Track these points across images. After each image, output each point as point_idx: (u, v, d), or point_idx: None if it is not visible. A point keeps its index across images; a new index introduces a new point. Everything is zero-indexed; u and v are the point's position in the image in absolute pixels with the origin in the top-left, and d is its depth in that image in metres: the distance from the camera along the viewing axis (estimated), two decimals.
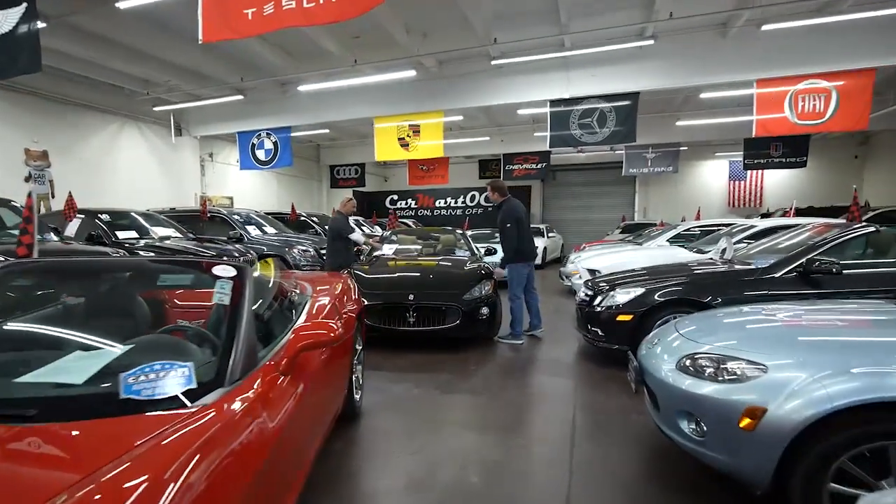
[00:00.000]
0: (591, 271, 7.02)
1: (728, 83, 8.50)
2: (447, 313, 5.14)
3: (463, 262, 6.13)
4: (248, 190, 15.20)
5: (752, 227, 6.57)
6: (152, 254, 6.79)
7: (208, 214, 9.53)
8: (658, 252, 7.31)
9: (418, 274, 5.86)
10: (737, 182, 18.88)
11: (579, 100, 9.20)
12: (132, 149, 11.35)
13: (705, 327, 2.86)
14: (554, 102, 9.41)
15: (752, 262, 4.52)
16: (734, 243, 5.77)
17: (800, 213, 12.76)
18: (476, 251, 7.05)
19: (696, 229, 9.30)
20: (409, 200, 21.80)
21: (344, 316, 3.10)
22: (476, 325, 5.26)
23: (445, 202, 21.36)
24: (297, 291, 2.95)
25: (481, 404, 3.81)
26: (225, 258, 7.11)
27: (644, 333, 4.38)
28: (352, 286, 3.91)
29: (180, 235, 8.02)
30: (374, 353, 5.09)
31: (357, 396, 3.49)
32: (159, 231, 7.74)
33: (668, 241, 8.82)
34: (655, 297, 4.35)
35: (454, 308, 5.12)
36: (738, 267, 4.53)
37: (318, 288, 3.24)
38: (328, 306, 2.87)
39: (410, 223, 18.10)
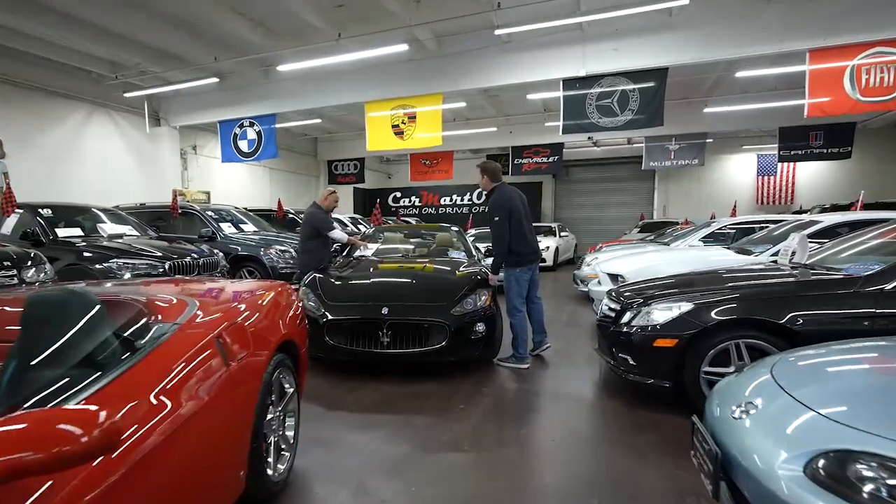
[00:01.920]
0: (614, 277, 5.84)
1: (774, 55, 7.21)
2: (431, 332, 4.01)
3: (456, 266, 4.98)
4: (237, 186, 14.19)
5: (815, 222, 5.32)
6: (90, 254, 5.77)
7: (179, 210, 8.56)
8: (694, 254, 6.09)
9: (398, 280, 4.75)
10: (766, 177, 17.47)
11: (597, 78, 8.00)
12: (103, 139, 10.36)
13: (836, 381, 1.70)
14: (568, 83, 8.22)
15: (842, 268, 3.32)
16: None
17: (841, 209, 11.50)
18: (474, 252, 5.91)
19: (731, 227, 8.05)
20: (413, 198, 20.72)
21: (243, 359, 1.98)
22: (468, 347, 4.12)
23: (451, 199, 20.24)
24: (155, 318, 1.84)
25: (465, 473, 2.66)
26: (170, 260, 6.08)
27: (693, 365, 3.24)
28: (290, 302, 2.79)
29: (137, 234, 7.02)
30: (339, 381, 4.00)
31: (281, 467, 2.37)
32: (109, 228, 6.73)
33: (700, 240, 7.59)
34: (712, 315, 3.17)
35: (439, 325, 3.99)
36: (821, 275, 3.33)
37: (213, 307, 2.12)
38: (197, 347, 1.74)
39: (413, 222, 17.06)
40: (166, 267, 5.95)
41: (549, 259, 12.71)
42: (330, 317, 4.11)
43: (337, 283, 4.61)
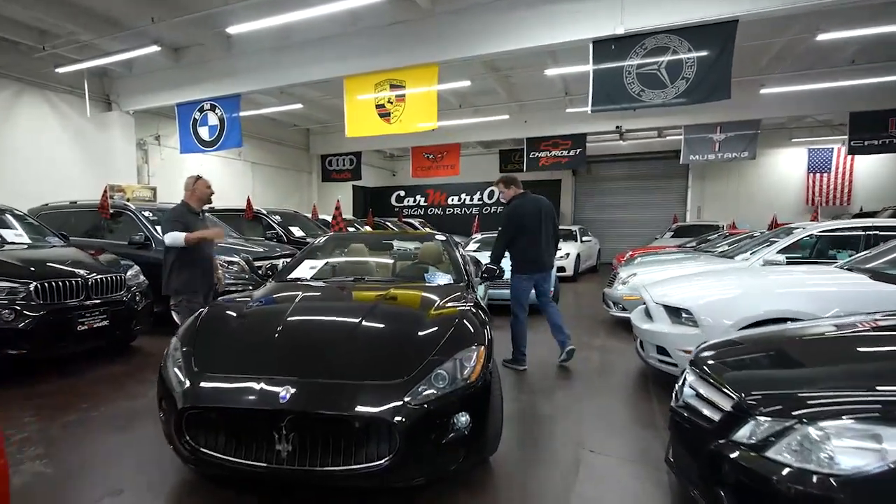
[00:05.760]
0: (674, 311, 3.91)
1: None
2: (368, 434, 2.16)
3: (434, 301, 3.11)
4: (213, 182, 12.42)
5: None
6: None
7: (111, 211, 6.90)
8: (801, 280, 4.07)
9: (324, 328, 2.88)
10: (818, 175, 15.30)
11: (639, 38, 6.08)
12: (35, 124, 8.69)
13: None
14: (600, 46, 6.31)
15: None
16: None
17: None
18: (467, 272, 4.01)
19: (817, 234, 6.04)
20: (418, 197, 18.88)
21: None
22: (436, 459, 2.26)
23: (459, 199, 18.34)
24: None
25: None
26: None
27: None
28: None
29: (28, 241, 5.32)
30: None
31: None
32: None
33: (778, 252, 5.60)
34: None
35: (381, 424, 2.13)
36: None
37: None
38: None
39: (417, 223, 15.30)
40: (31, 290, 4.22)
41: (569, 268, 10.82)
42: (190, 399, 2.29)
43: (226, 330, 2.79)
